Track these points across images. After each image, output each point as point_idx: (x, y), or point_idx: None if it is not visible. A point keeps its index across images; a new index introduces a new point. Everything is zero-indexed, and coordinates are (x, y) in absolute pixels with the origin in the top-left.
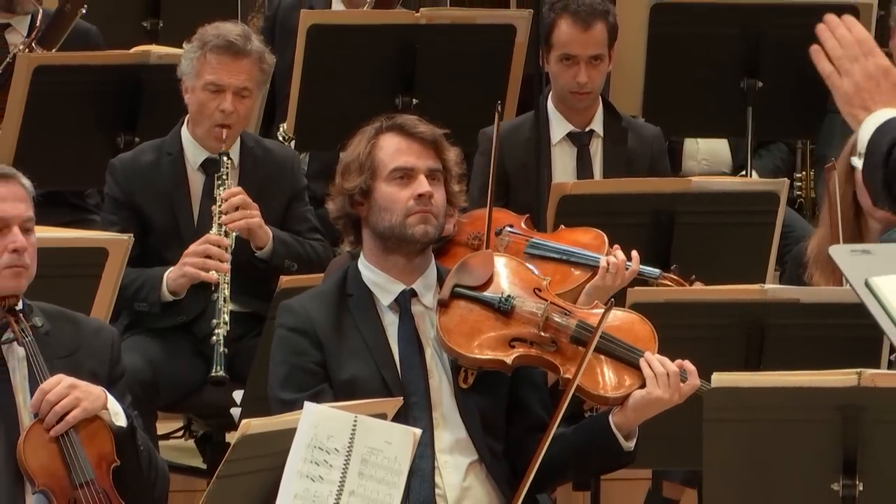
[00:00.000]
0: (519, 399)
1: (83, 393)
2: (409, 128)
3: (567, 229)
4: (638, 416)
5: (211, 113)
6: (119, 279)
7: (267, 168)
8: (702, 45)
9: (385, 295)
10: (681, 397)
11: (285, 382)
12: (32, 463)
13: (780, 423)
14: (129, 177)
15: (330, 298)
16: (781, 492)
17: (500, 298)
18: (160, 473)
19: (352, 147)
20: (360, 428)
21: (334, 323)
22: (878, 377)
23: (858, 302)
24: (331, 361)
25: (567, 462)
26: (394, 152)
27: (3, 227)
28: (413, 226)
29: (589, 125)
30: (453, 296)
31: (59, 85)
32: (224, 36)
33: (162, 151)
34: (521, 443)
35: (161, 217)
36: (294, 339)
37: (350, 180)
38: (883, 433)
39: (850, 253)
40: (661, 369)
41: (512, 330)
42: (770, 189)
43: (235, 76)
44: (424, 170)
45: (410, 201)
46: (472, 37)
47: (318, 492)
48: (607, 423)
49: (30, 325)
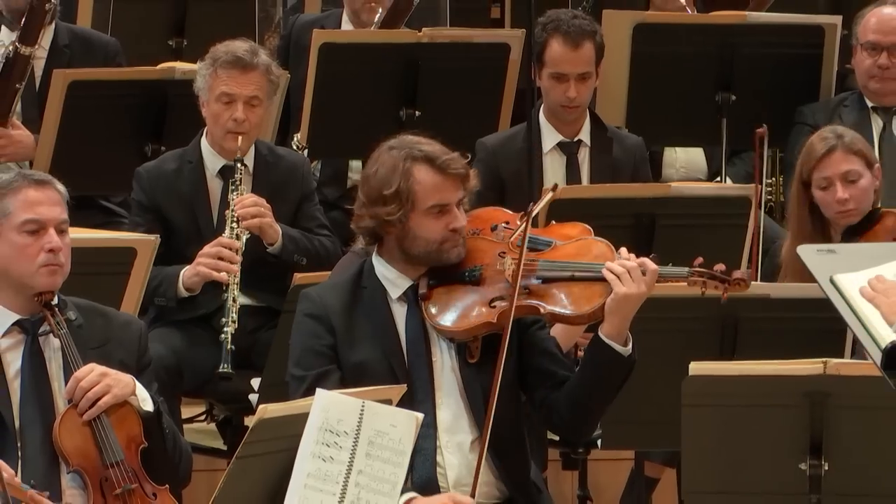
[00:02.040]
0: (536, 367)
1: (113, 380)
2: (443, 164)
3: (557, 224)
4: (619, 318)
5: (225, 122)
6: (147, 277)
7: (279, 173)
8: (680, 61)
9: (395, 289)
10: (647, 287)
11: (299, 361)
12: (67, 445)
13: (752, 408)
14: (154, 183)
15: (345, 289)
16: (753, 471)
17: (467, 272)
18: (184, 454)
19: (380, 169)
20: (368, 412)
21: (348, 311)
22: (842, 366)
23: (824, 297)
24: (342, 346)
25: (586, 394)
26: (430, 188)
27: (39, 229)
28: (448, 251)
29: (577, 135)
30: (430, 287)
31: (92, 98)
32: (233, 52)
33: (183, 160)
34: (550, 400)
35: (183, 220)
36: (310, 323)
37: (386, 209)
38: (846, 417)
39: (816, 252)
40: (620, 269)
41: (488, 293)
42: (742, 194)
43: (245, 87)
44: (456, 202)
45: (446, 232)
46: (470, 54)
47: (328, 471)
48: (599, 338)
49: (64, 318)
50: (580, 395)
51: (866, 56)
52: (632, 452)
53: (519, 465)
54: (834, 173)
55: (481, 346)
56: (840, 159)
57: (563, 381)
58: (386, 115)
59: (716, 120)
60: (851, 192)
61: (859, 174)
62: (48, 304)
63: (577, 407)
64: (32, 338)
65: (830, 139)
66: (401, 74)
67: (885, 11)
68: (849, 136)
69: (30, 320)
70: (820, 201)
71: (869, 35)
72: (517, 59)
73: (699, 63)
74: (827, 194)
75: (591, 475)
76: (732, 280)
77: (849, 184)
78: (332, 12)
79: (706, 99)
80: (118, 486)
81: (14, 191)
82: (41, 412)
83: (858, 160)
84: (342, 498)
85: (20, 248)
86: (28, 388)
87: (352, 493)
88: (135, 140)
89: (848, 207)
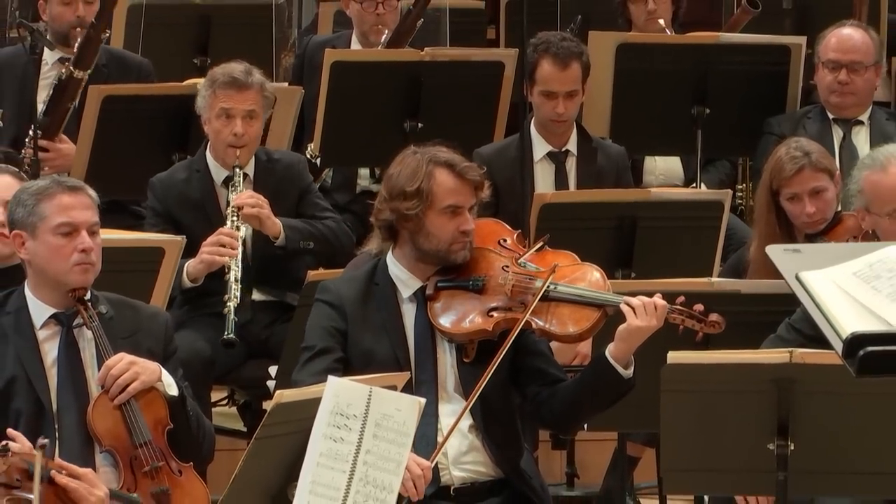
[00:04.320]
0: (529, 366)
1: (141, 368)
2: (462, 171)
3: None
4: (628, 345)
5: (225, 137)
6: (174, 274)
7: (277, 173)
8: (659, 78)
9: (406, 288)
10: (658, 321)
11: (309, 334)
12: (99, 427)
13: (724, 394)
14: (166, 192)
15: (360, 283)
16: (726, 451)
17: (471, 280)
18: (207, 435)
19: (404, 169)
20: (375, 398)
21: (361, 302)
22: (807, 355)
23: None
24: (353, 333)
25: (581, 401)
26: (448, 189)
27: (72, 231)
28: (456, 251)
29: (565, 146)
30: (437, 289)
31: (124, 112)
32: (229, 73)
33: (192, 169)
34: (544, 395)
35: (193, 223)
36: (326, 308)
37: (406, 203)
38: (810, 402)
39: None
40: (637, 303)
41: (487, 302)
42: (716, 198)
43: (242, 103)
44: (468, 207)
45: (456, 233)
46: (468, 71)
47: (339, 451)
48: (605, 357)
49: (96, 311)
50: (574, 402)
51: (827, 73)
52: (615, 433)
53: (513, 448)
54: (802, 189)
55: (477, 349)
56: (808, 177)
57: (554, 380)
58: (391, 126)
59: (691, 131)
60: (818, 206)
61: (825, 188)
62: (81, 300)
63: (566, 411)
64: (67, 329)
65: (799, 158)
66: (405, 90)
67: (843, 32)
68: (815, 154)
69: (65, 314)
70: (789, 211)
71: (829, 54)
72: (511, 76)
73: (676, 79)
74: (795, 207)
75: (578, 454)
76: (708, 322)
77: (815, 197)
78: (342, 34)
79: (683, 112)
80: (146, 463)
81: (49, 196)
82: (76, 397)
83: (824, 176)
84: (351, 475)
85: (55, 248)
86: (64, 376)
87: (360, 470)
88: (162, 150)
89: (815, 219)
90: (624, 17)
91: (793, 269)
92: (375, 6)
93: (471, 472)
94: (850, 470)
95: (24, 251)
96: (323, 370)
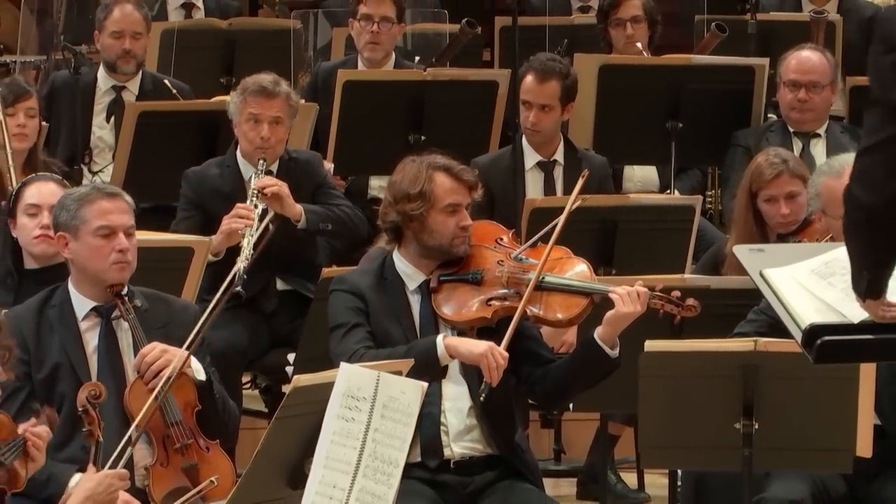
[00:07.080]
0: (523, 349)
1: (172, 355)
2: (458, 173)
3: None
4: (614, 328)
5: (253, 139)
6: (202, 272)
7: (297, 169)
8: (637, 95)
9: (411, 281)
10: (642, 307)
11: (338, 315)
12: (135, 408)
13: (696, 379)
14: (200, 182)
15: (371, 277)
16: (697, 429)
17: (471, 274)
18: (232, 415)
19: (406, 175)
20: (382, 382)
21: (374, 292)
22: (770, 344)
23: (755, 288)
24: (372, 314)
25: (569, 381)
26: (447, 190)
27: (110, 233)
28: (458, 245)
29: (553, 156)
30: (440, 282)
31: (158, 126)
32: (259, 82)
33: (223, 165)
34: (537, 374)
35: (222, 213)
36: (347, 294)
37: (410, 205)
38: (773, 386)
39: (748, 251)
40: (622, 292)
41: (486, 293)
42: (688, 203)
43: (269, 109)
44: (465, 205)
45: (456, 229)
46: (466, 90)
47: (350, 430)
48: (594, 339)
49: (132, 305)
50: (564, 380)
51: (788, 91)
52: (598, 414)
53: (507, 428)
54: (779, 193)
55: (476, 335)
56: (786, 182)
57: (546, 361)
58: (397, 139)
59: (666, 143)
60: (792, 208)
61: (799, 192)
62: (119, 294)
63: (558, 388)
64: (106, 321)
65: (778, 164)
66: (409, 106)
67: (803, 55)
68: (792, 162)
69: (104, 307)
70: (765, 212)
71: (790, 74)
72: (504, 94)
73: (652, 97)
74: (772, 208)
75: (565, 432)
76: (685, 306)
77: (790, 200)
78: (350, 57)
79: (658, 126)
80: (177, 441)
81: (89, 202)
82: (114, 382)
83: (799, 181)
84: (361, 452)
85: (95, 249)
86: (103, 362)
87: (369, 447)
88: (192, 160)
89: (789, 220)
90: (605, 42)
91: (757, 267)
92: (372, 24)
93: (469, 448)
94: (808, 447)
95: (67, 251)
96: (363, 338)
